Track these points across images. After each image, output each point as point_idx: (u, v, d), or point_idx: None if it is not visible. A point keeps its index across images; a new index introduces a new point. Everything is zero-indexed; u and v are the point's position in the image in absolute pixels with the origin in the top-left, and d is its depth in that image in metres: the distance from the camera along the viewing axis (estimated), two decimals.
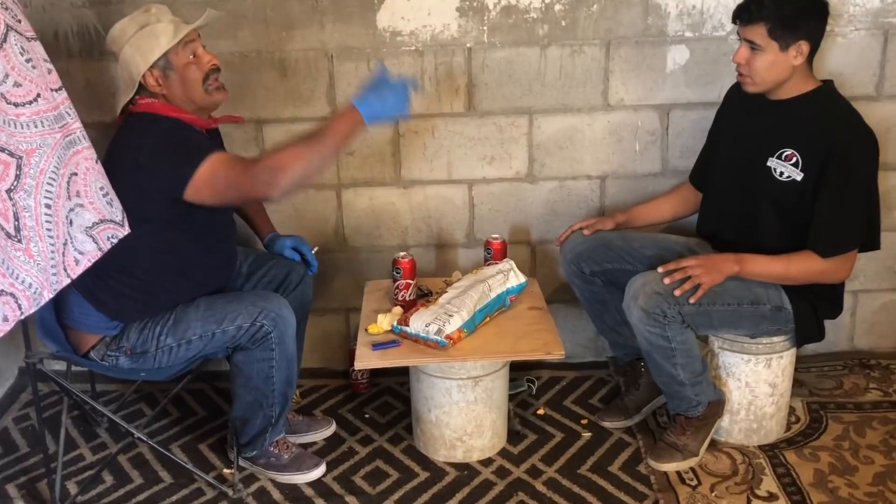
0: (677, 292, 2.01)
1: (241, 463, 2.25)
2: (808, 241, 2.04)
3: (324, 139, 1.84)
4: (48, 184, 1.72)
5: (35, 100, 1.69)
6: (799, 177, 2.04)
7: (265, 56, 2.44)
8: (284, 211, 2.60)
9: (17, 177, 1.67)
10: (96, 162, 1.84)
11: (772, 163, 2.09)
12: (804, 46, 1.99)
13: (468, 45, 2.46)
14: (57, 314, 2.07)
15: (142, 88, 1.99)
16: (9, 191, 1.66)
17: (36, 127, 1.69)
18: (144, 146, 1.92)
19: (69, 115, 1.78)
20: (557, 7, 2.42)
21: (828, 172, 1.99)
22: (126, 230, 1.90)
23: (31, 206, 1.70)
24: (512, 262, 2.29)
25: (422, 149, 2.56)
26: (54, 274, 1.77)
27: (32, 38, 1.71)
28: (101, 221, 1.86)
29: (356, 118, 1.84)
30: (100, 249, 1.86)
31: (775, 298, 2.10)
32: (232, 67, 2.32)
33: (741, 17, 2.01)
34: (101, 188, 1.85)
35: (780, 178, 2.07)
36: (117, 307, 2.03)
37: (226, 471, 2.28)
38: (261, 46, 2.44)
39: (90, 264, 1.85)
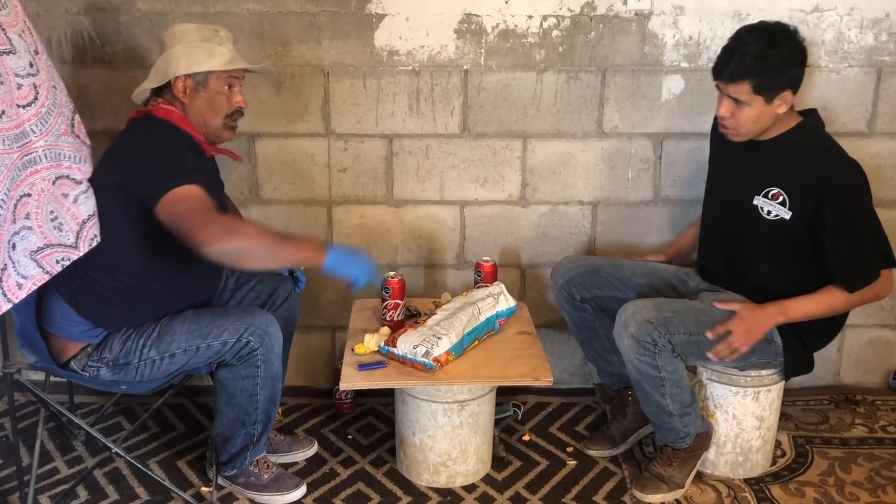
0: (712, 356, 2.04)
1: (220, 481, 2.21)
2: (836, 282, 2.02)
3: (284, 245, 1.89)
4: None
5: (0, 117, 1.66)
6: (787, 215, 2.04)
7: None
8: (274, 227, 2.58)
9: None
10: (53, 183, 1.82)
11: (758, 201, 2.08)
12: (788, 95, 1.99)
13: (465, 66, 2.46)
14: (38, 320, 2.04)
15: (166, 89, 2.00)
16: None
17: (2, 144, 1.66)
18: (148, 147, 1.92)
19: (34, 132, 1.74)
20: (555, 33, 2.42)
21: (828, 215, 1.98)
22: (80, 251, 1.87)
23: None
24: (502, 286, 2.28)
25: (415, 168, 2.55)
26: None
27: (3, 53, 1.68)
28: (47, 246, 1.83)
29: (320, 255, 1.89)
30: (47, 273, 1.83)
31: None
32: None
33: (723, 75, 1.98)
34: (52, 212, 1.82)
35: (768, 217, 2.07)
36: (100, 313, 1.99)
37: (204, 489, 2.23)
38: (256, 60, 2.42)
39: (35, 288, 1.82)
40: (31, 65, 1.75)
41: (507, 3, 2.40)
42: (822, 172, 1.99)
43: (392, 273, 2.26)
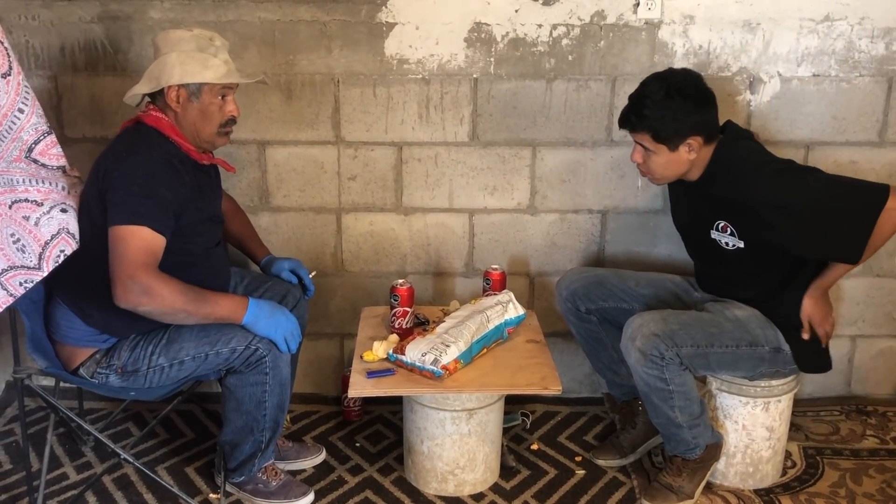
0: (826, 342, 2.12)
1: (228, 488, 2.21)
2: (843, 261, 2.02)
3: (204, 307, 1.90)
4: None
5: None
6: (742, 244, 2.05)
7: (271, 78, 2.44)
8: (283, 234, 2.59)
9: None
10: (10, 207, 1.84)
11: (715, 235, 2.10)
12: (695, 142, 2.00)
13: (474, 75, 2.46)
14: (46, 329, 2.04)
15: (158, 95, 1.99)
16: None
17: None
18: (123, 165, 1.90)
19: None
20: (565, 42, 2.43)
21: (779, 230, 1.96)
22: (44, 272, 1.88)
23: None
24: (511, 294, 2.27)
25: (424, 176, 2.55)
26: None
27: None
28: (11, 268, 1.85)
29: (239, 313, 1.94)
30: (11, 296, 1.85)
31: (773, 340, 2.09)
32: (237, 88, 2.33)
33: (625, 125, 2.05)
34: (13, 234, 1.84)
35: (728, 248, 2.08)
36: (104, 320, 2.00)
37: (212, 496, 2.23)
38: (267, 68, 2.44)
39: (1, 311, 1.85)
40: None
41: (517, 11, 2.40)
42: (746, 199, 1.99)
43: (401, 281, 2.26)
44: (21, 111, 1.85)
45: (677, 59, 2.44)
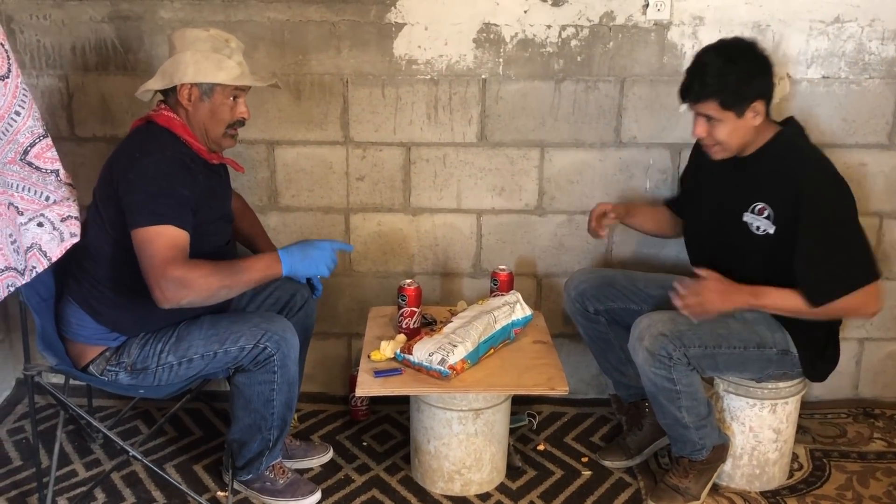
0: (678, 302, 2.00)
1: (236, 486, 2.22)
2: (801, 291, 1.96)
3: (240, 276, 1.91)
4: None
5: None
6: (772, 230, 2.01)
7: (280, 78, 2.45)
8: (292, 234, 2.60)
9: None
10: (8, 207, 1.85)
11: (747, 218, 2.06)
12: (759, 106, 1.97)
13: (483, 76, 2.47)
14: (56, 327, 2.06)
15: (171, 93, 2.00)
16: None
17: None
18: (137, 166, 1.90)
19: None
20: (574, 43, 2.43)
21: (804, 220, 1.94)
22: (25, 279, 1.89)
23: None
24: (518, 295, 2.28)
25: (432, 177, 2.56)
26: None
27: None
28: (6, 269, 1.86)
29: (276, 266, 1.95)
30: None
31: (781, 342, 2.08)
32: (249, 90, 2.34)
33: (688, 97, 2.00)
34: (10, 235, 1.85)
35: (758, 233, 2.04)
36: (115, 318, 2.01)
37: (220, 493, 2.24)
38: (276, 68, 2.45)
39: None
40: None
41: (526, 12, 2.41)
42: (800, 181, 1.96)
43: (408, 281, 2.27)
44: (18, 114, 1.85)
45: (686, 60, 2.42)
